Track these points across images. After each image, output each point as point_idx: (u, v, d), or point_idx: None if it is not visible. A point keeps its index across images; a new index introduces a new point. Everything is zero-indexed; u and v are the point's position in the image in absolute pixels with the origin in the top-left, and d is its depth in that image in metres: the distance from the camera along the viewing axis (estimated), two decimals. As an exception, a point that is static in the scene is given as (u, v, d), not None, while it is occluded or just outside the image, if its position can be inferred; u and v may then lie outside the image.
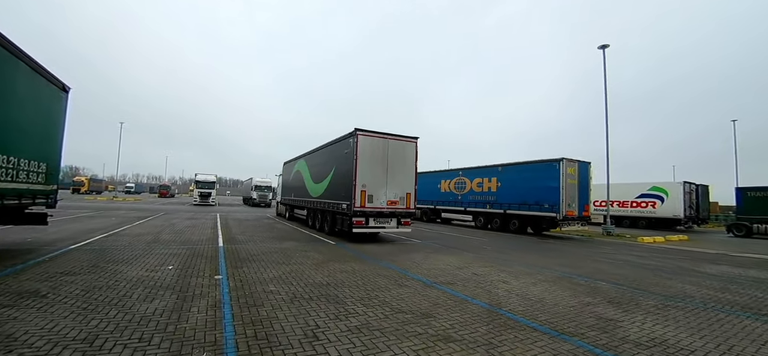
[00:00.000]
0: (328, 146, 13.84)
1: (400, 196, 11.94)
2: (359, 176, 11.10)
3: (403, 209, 11.98)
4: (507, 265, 8.58)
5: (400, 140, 12.07)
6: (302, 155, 18.02)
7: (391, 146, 11.84)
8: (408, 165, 12.17)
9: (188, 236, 11.25)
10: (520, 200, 18.53)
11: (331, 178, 13.16)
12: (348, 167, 11.52)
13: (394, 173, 11.81)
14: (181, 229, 13.07)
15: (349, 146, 11.61)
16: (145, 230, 12.30)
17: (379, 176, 11.56)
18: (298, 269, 6.97)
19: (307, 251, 9.17)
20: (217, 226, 14.84)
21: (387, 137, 11.82)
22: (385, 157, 11.70)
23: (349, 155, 11.45)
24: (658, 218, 27.76)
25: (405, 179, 12.08)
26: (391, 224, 11.93)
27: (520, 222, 18.77)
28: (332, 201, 12.82)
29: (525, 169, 18.61)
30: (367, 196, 11.22)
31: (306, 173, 16.82)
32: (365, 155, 11.28)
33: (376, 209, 11.41)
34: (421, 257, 9.26)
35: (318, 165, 15.00)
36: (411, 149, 12.27)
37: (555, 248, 12.75)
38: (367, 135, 11.43)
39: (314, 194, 15.18)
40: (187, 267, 6.69)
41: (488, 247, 12.27)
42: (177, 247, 8.93)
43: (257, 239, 11.38)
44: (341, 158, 12.24)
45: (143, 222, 14.99)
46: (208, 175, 38.07)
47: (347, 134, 11.85)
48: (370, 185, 11.30)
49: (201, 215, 20.66)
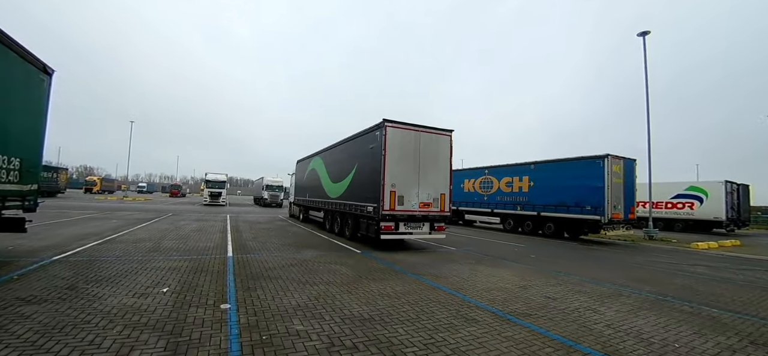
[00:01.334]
0: (349, 141, 12.37)
1: (434, 197, 10.39)
2: (388, 175, 9.58)
3: (436, 212, 10.43)
4: (573, 281, 6.96)
5: (433, 133, 10.52)
6: (318, 153, 16.61)
7: (423, 140, 10.30)
8: (442, 161, 10.60)
9: (194, 242, 9.90)
10: (556, 201, 16.78)
11: (353, 177, 11.68)
12: (374, 164, 10.02)
13: (426, 170, 10.26)
14: (186, 233, 11.76)
15: (375, 139, 10.11)
16: (147, 234, 11.02)
17: (410, 175, 10.02)
18: (326, 291, 5.49)
19: (331, 264, 7.69)
20: (227, 230, 13.51)
21: (419, 129, 10.27)
22: (417, 152, 10.16)
23: (376, 151, 9.94)
24: (696, 219, 25.68)
25: (439, 177, 10.52)
26: (423, 230, 10.38)
27: (555, 225, 17.02)
28: (354, 203, 11.34)
29: (563, 167, 16.84)
30: (396, 197, 9.70)
31: (322, 172, 15.39)
32: (394, 150, 9.75)
33: (407, 212, 9.88)
34: (467, 270, 7.70)
35: (337, 163, 13.55)
36: (445, 143, 10.70)
37: (607, 257, 11.03)
38: (397, 127, 9.91)
39: (332, 195, 13.73)
40: (187, 288, 5.27)
41: (532, 255, 10.64)
42: (179, 258, 7.56)
43: (271, 246, 9.97)
44: (365, 154, 10.75)
45: (147, 225, 13.76)
46: (219, 174, 37.03)
47: (373, 127, 10.35)
48: (400, 184, 9.78)
49: (210, 217, 19.44)
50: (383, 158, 9.55)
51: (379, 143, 9.76)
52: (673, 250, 14.11)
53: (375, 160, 9.97)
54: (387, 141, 9.63)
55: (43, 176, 36.76)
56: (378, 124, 9.99)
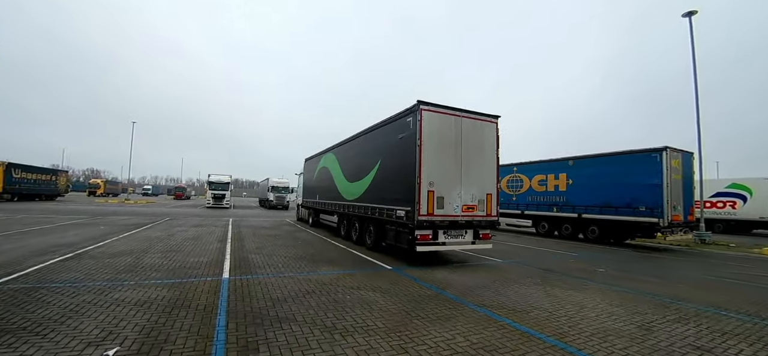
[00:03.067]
0: (370, 132, 10.41)
1: (479, 198, 8.40)
2: (425, 171, 7.61)
3: (482, 216, 8.43)
4: (696, 313, 4.92)
5: (476, 120, 8.53)
6: (330, 148, 14.69)
7: (465, 128, 8.31)
8: (487, 154, 8.61)
9: (184, 256, 8.02)
10: (601, 201, 14.67)
11: (376, 174, 9.73)
12: (406, 158, 8.06)
13: (469, 165, 8.27)
14: (178, 243, 9.90)
15: (406, 127, 8.15)
16: (130, 245, 9.17)
17: (451, 171, 8.04)
18: (369, 347, 3.53)
19: (361, 290, 5.73)
20: (227, 237, 11.64)
21: (460, 114, 8.29)
22: (458, 143, 8.18)
23: (408, 141, 7.99)
24: (739, 220, 23.50)
25: (484, 173, 8.53)
26: (466, 239, 8.39)
27: (600, 229, 14.90)
28: (378, 206, 9.37)
29: (609, 162, 14.71)
30: (435, 199, 7.72)
31: (336, 170, 13.46)
32: (432, 140, 7.79)
33: (448, 217, 7.90)
34: (542, 297, 5.70)
35: (354, 158, 11.61)
36: (490, 131, 8.71)
37: (685, 268, 8.93)
38: (434, 111, 7.94)
39: (349, 196, 11.79)
40: (151, 344, 3.35)
41: (600, 268, 8.59)
42: (157, 283, 5.66)
43: (279, 260, 8.05)
44: (393, 145, 8.79)
45: (136, 232, 11.94)
46: (222, 175, 35.31)
47: (404, 112, 8.38)
48: (439, 183, 7.80)
49: (210, 222, 17.62)
50: (418, 150, 7.59)
51: (413, 132, 7.80)
52: (742, 257, 12.06)
53: (407, 153, 8.02)
54: (423, 128, 7.66)
55: (41, 179, 35.43)
56: (411, 108, 8.03)
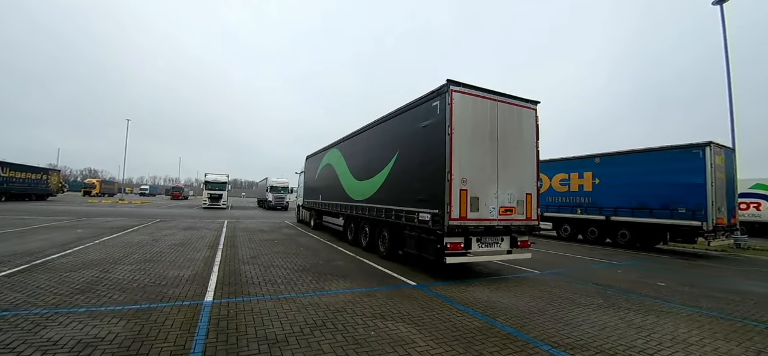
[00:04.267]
0: (383, 122, 9.02)
1: (518, 199, 7.02)
2: (457, 166, 6.23)
3: (522, 220, 7.05)
4: None
5: (514, 105, 7.16)
6: (334, 144, 13.31)
7: (502, 114, 6.94)
8: (526, 146, 7.25)
9: (162, 268, 6.63)
10: (634, 202, 13.30)
11: (392, 170, 8.35)
12: (431, 151, 6.69)
13: (507, 159, 6.90)
14: (161, 251, 8.51)
15: (432, 113, 6.77)
16: (103, 253, 7.78)
17: (487, 166, 6.67)
18: None
19: (386, 320, 4.35)
20: (219, 243, 10.25)
21: (495, 97, 6.92)
22: (494, 132, 6.81)
23: (435, 130, 6.61)
24: (763, 222, 22.20)
25: (524, 169, 7.16)
26: (502, 247, 7.02)
27: (632, 233, 13.55)
28: (395, 208, 8.00)
29: (642, 160, 13.33)
30: (469, 199, 6.34)
31: (341, 168, 12.09)
32: (465, 128, 6.41)
33: (483, 221, 6.52)
34: (626, 328, 4.32)
35: (364, 153, 10.22)
36: (529, 119, 7.34)
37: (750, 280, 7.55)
38: (467, 93, 6.56)
39: (357, 197, 10.42)
40: None
41: (660, 282, 7.24)
42: (116, 310, 4.28)
43: (278, 274, 6.66)
44: (415, 136, 7.41)
45: (116, 237, 10.56)
46: (219, 175, 33.93)
47: (429, 95, 6.98)
48: (473, 180, 6.42)
49: (203, 224, 16.23)
50: (449, 141, 6.20)
51: (441, 118, 6.42)
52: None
53: (433, 144, 6.64)
54: (454, 113, 6.28)
55: (31, 178, 33.96)
56: (438, 89, 6.64)
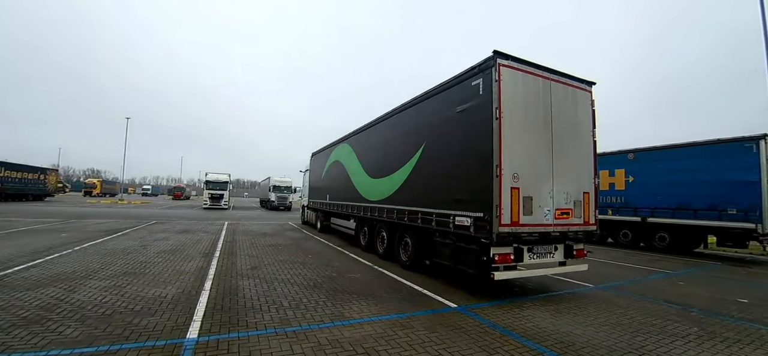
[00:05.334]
0: (404, 110, 7.76)
1: (575, 199, 5.76)
2: (507, 157, 4.98)
3: (579, 225, 5.79)
4: None
5: (568, 85, 5.89)
6: (344, 138, 12.09)
7: (556, 96, 5.68)
8: (583, 136, 5.99)
9: (142, 285, 5.44)
10: (674, 202, 12.00)
11: (416, 165, 7.10)
12: (471, 140, 5.44)
13: (563, 151, 5.64)
14: (146, 260, 7.32)
15: (472, 94, 5.51)
16: (77, 264, 6.60)
17: (541, 159, 5.41)
18: None
19: (437, 369, 3.12)
20: (216, 249, 9.06)
21: (549, 75, 5.66)
22: (548, 118, 5.55)
23: (477, 114, 5.35)
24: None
25: (580, 163, 5.91)
26: (556, 258, 5.76)
27: (672, 236, 12.25)
28: (421, 210, 6.74)
29: (685, 155, 12.01)
30: (521, 200, 5.09)
31: (353, 164, 10.86)
32: (516, 112, 5.15)
33: (538, 227, 5.26)
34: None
35: (380, 147, 8.98)
36: (585, 104, 6.08)
37: None
38: (518, 68, 5.30)
39: (372, 197, 9.18)
40: None
41: (742, 298, 5.95)
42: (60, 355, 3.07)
43: (283, 293, 5.45)
44: (448, 124, 6.14)
45: (102, 242, 9.39)
46: (220, 174, 32.82)
47: (468, 72, 5.65)
48: (525, 175, 5.17)
49: (201, 226, 15.06)
50: (498, 126, 4.95)
51: (485, 99, 5.17)
52: None
53: (475, 130, 5.39)
54: (503, 93, 5.03)
55: (28, 178, 33.00)
56: (481, 64, 5.37)
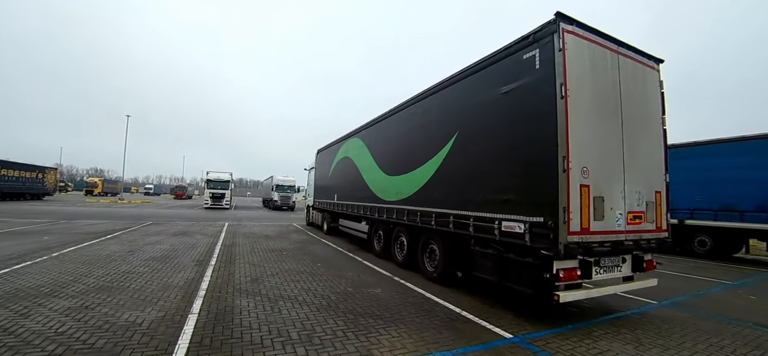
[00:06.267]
0: (432, 94, 6.65)
1: (647, 200, 4.71)
2: (575, 147, 3.93)
3: (652, 231, 4.74)
4: None
5: (637, 61, 4.84)
6: (354, 132, 11.08)
7: (625, 72, 4.63)
8: (652, 121, 4.95)
9: (116, 304, 4.45)
10: (716, 203, 10.90)
11: (446, 159, 6.05)
12: (531, 125, 4.36)
13: (634, 141, 4.59)
14: (128, 271, 6.34)
15: (525, 68, 4.46)
16: (47, 276, 5.63)
17: (611, 148, 4.37)
18: None
19: None
20: (212, 255, 8.07)
21: (617, 48, 4.62)
22: (616, 98, 4.50)
23: (532, 93, 4.31)
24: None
25: (651, 156, 4.86)
26: (622, 272, 4.72)
27: (714, 240, 11.16)
28: (454, 212, 5.70)
29: (730, 151, 10.89)
30: (592, 201, 4.05)
31: (365, 160, 9.84)
32: (582, 90, 4.09)
33: (609, 234, 4.22)
34: None
35: (400, 140, 7.93)
36: (653, 84, 5.03)
37: None
38: (584, 37, 4.25)
39: (389, 196, 8.16)
40: None
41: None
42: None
43: (291, 315, 4.44)
44: (490, 108, 5.07)
45: (86, 246, 8.43)
46: (222, 173, 31.87)
47: (521, 41, 4.54)
48: (595, 170, 4.12)
49: (199, 228, 14.11)
50: (563, 108, 3.90)
51: (545, 74, 4.13)
52: None
53: (526, 115, 4.35)
54: (568, 67, 3.99)
55: (26, 177, 32.23)
56: (539, 30, 4.29)
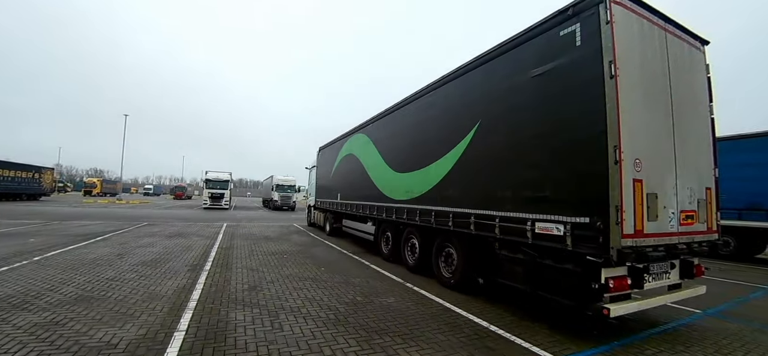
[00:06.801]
0: (448, 82, 6.09)
1: (698, 197, 4.16)
2: (627, 134, 3.37)
3: (703, 232, 4.18)
4: None
5: (683, 40, 4.29)
6: (358, 128, 10.52)
7: (672, 52, 4.07)
8: (699, 108, 4.39)
9: (90, 321, 3.89)
10: (741, 201, 10.31)
11: (466, 152, 5.47)
12: (571, 110, 3.80)
13: (682, 128, 4.03)
14: (113, 278, 5.78)
15: (564, 46, 3.89)
16: (20, 285, 5.07)
17: (661, 136, 3.82)
18: None
19: None
20: (207, 259, 7.51)
21: (665, 25, 4.05)
22: (666, 81, 3.95)
23: (574, 73, 3.75)
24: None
25: (700, 146, 4.31)
26: (669, 279, 4.17)
27: (738, 241, 10.62)
28: (476, 212, 5.13)
29: (755, 147, 10.35)
30: (645, 198, 3.49)
31: (371, 157, 9.28)
32: (632, 70, 3.53)
33: (663, 237, 3.66)
34: None
35: (411, 134, 7.34)
36: (699, 67, 4.48)
37: None
38: (632, 9, 3.68)
39: (398, 195, 7.60)
40: None
41: None
42: None
43: (294, 333, 3.88)
44: (520, 92, 4.48)
45: (73, 249, 7.88)
46: (221, 173, 31.32)
47: (559, 14, 3.97)
48: (647, 162, 3.57)
49: (196, 229, 13.55)
50: (613, 90, 3.34)
51: (590, 51, 3.57)
52: None
53: (566, 99, 3.80)
54: (617, 42, 3.43)
55: (22, 177, 31.70)
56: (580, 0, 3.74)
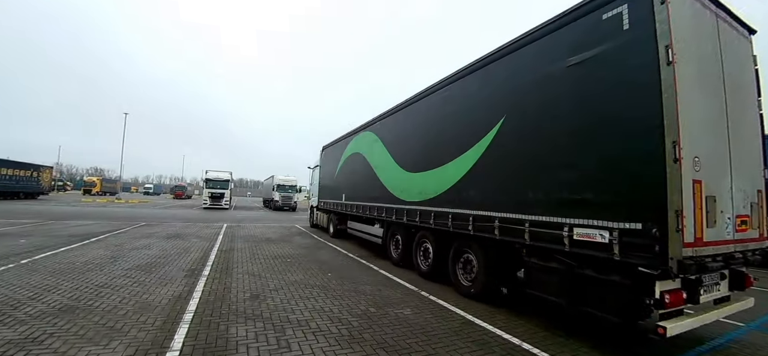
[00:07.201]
0: (468, 74, 5.67)
1: (751, 200, 3.76)
2: (686, 130, 2.97)
3: (756, 239, 3.78)
4: None
5: (732, 27, 3.88)
6: (365, 126, 10.12)
7: (724, 40, 3.66)
8: (749, 101, 4.00)
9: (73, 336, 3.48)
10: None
11: (488, 150, 5.04)
12: (612, 103, 3.40)
13: (735, 122, 3.63)
14: (103, 284, 5.37)
15: (607, 31, 3.49)
16: (7, 291, 4.65)
17: (717, 132, 3.43)
18: None
19: None
20: (206, 264, 7.10)
21: (716, 9, 3.65)
22: (719, 72, 3.55)
23: (619, 61, 3.35)
24: None
25: (752, 143, 3.91)
26: (721, 292, 3.77)
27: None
28: (501, 215, 4.71)
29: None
30: (705, 202, 3.10)
31: (379, 156, 8.87)
32: (688, 58, 3.13)
33: (720, 245, 3.26)
34: None
35: (425, 130, 6.93)
36: (746, 55, 4.07)
37: None
38: (686, -13, 3.32)
39: (409, 196, 7.19)
40: None
41: None
42: None
43: (303, 347, 3.47)
44: (551, 84, 4.07)
45: (64, 251, 7.47)
46: (221, 172, 30.91)
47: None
48: (706, 161, 3.16)
49: (195, 230, 13.15)
50: (671, 78, 2.94)
51: (640, 35, 3.18)
52: None
53: (612, 89, 3.41)
54: (673, 24, 3.03)
55: (20, 175, 31.29)
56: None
